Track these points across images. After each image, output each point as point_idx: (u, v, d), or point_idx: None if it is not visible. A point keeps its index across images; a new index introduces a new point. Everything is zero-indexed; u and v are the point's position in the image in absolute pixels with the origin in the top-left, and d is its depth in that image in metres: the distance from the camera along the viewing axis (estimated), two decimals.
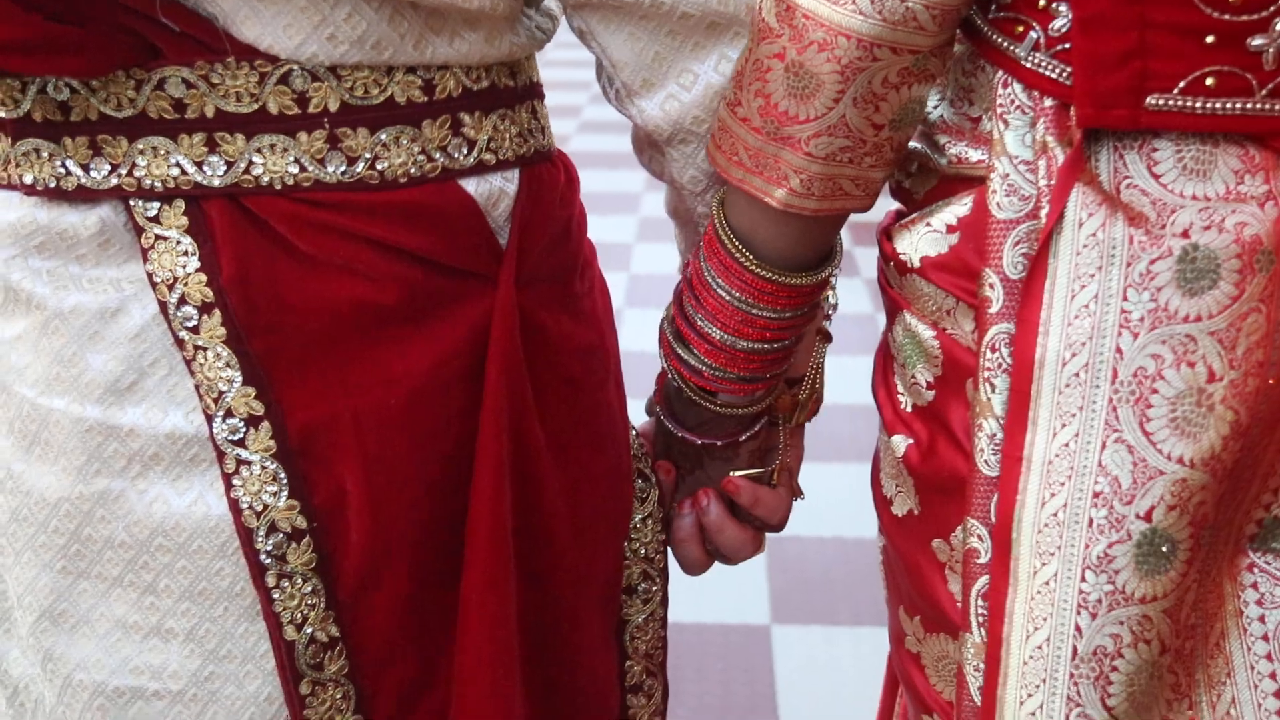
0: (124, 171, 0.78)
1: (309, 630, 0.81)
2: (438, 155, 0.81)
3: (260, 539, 0.80)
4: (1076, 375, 0.73)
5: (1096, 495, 0.73)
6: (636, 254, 4.33)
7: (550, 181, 0.88)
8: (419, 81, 0.81)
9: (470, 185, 0.83)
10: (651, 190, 4.80)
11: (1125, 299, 0.72)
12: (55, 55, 0.75)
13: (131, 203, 0.78)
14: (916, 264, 0.81)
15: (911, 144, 0.84)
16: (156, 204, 0.78)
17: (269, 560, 0.80)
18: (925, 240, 0.81)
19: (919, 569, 0.84)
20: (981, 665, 0.78)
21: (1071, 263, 0.73)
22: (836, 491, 2.64)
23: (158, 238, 0.78)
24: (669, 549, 0.99)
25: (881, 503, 0.88)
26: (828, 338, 0.96)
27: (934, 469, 0.82)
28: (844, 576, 2.57)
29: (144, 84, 0.77)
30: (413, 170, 0.81)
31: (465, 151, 0.83)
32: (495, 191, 0.84)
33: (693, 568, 1.00)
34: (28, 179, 0.79)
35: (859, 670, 2.30)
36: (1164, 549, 0.73)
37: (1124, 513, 0.72)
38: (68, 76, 0.77)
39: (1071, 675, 0.74)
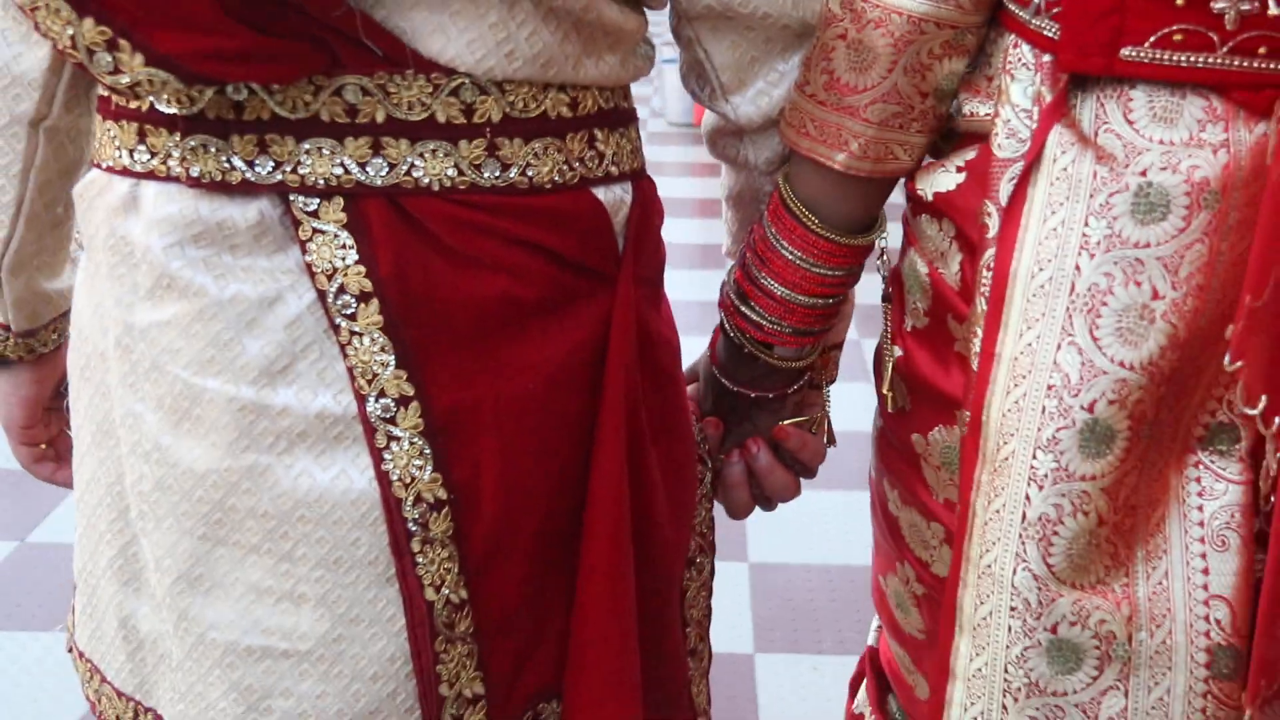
0: (288, 169, 0.84)
1: (445, 592, 0.89)
2: (577, 165, 0.90)
3: (407, 508, 0.87)
4: (1042, 287, 0.87)
5: (1050, 388, 0.87)
6: None
7: (652, 194, 0.98)
8: (566, 99, 0.89)
9: (600, 193, 0.92)
10: None
11: (1086, 225, 0.86)
12: (253, 64, 0.80)
13: (291, 198, 0.84)
14: (930, 198, 0.94)
15: None
16: (316, 200, 0.84)
17: (414, 528, 0.87)
18: (939, 178, 0.95)
19: (906, 451, 1.01)
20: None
21: (1046, 193, 0.87)
22: (821, 519, 2.66)
23: (315, 231, 0.84)
24: (715, 499, 1.11)
25: (881, 398, 1.04)
26: (887, 298, 1.07)
27: (918, 378, 0.98)
28: (828, 605, 2.58)
29: (322, 90, 0.83)
30: (556, 178, 0.89)
31: (597, 163, 0.92)
32: (617, 200, 0.93)
33: (739, 511, 1.12)
34: (194, 172, 0.84)
35: (842, 699, 2.33)
36: (1104, 437, 0.86)
37: (1071, 403, 0.86)
38: (259, 82, 0.82)
39: (1020, 536, 0.88)
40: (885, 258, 1.05)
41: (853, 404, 0.94)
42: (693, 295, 4.46)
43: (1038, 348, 0.88)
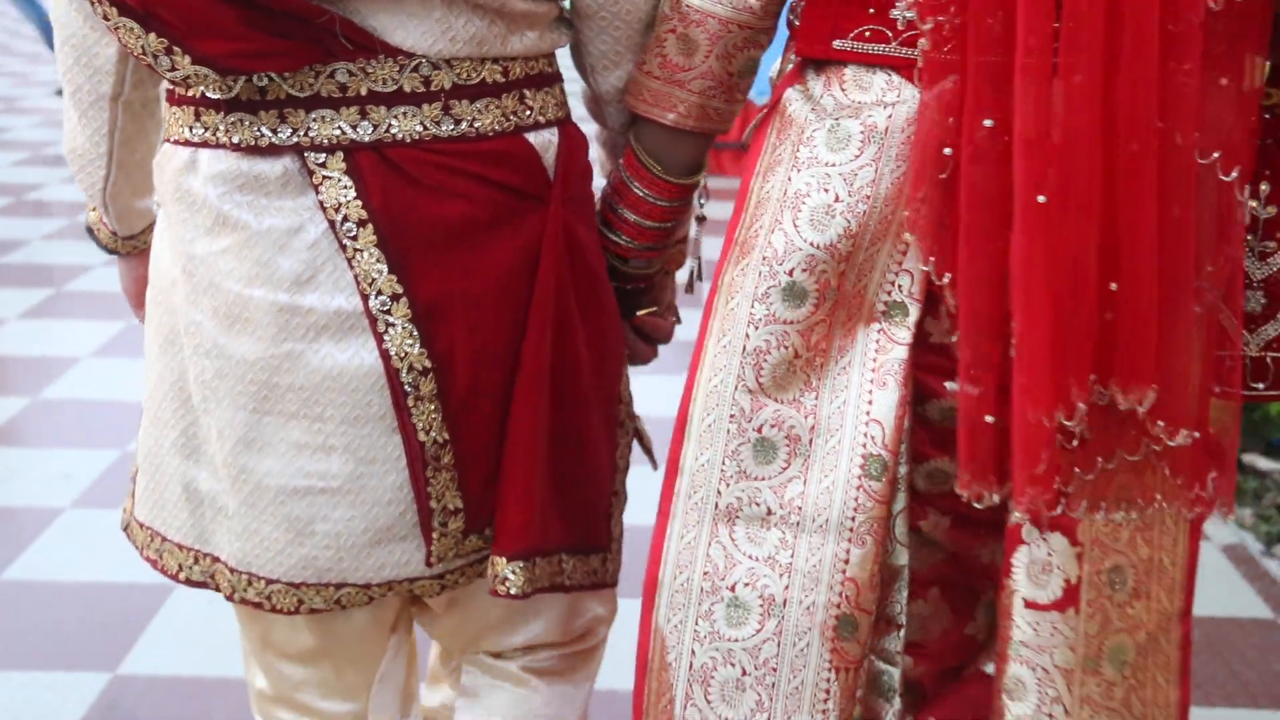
0: (301, 133, 1.19)
1: (432, 435, 1.23)
2: (512, 117, 1.25)
3: (403, 376, 1.22)
4: (766, 195, 1.28)
5: (764, 259, 1.26)
6: None
7: (577, 137, 1.33)
8: (499, 68, 1.24)
9: (531, 137, 1.26)
10: None
11: (795, 154, 1.26)
12: (269, 59, 1.16)
13: (306, 154, 1.19)
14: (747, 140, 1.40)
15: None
16: (323, 155, 1.19)
17: (409, 389, 1.22)
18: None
19: None
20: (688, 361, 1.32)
21: (774, 132, 1.30)
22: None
23: (324, 178, 1.19)
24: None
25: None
26: (701, 220, 1.44)
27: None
28: None
29: (320, 74, 1.18)
30: (496, 127, 1.24)
31: (527, 115, 1.26)
32: (545, 142, 1.28)
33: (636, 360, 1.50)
34: (235, 140, 1.20)
35: None
36: (799, 294, 1.24)
37: (778, 270, 1.24)
38: (275, 72, 1.17)
39: (740, 363, 1.26)
40: (704, 191, 1.41)
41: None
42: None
43: (759, 230, 1.27)
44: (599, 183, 1.39)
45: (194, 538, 1.32)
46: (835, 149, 1.23)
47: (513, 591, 1.28)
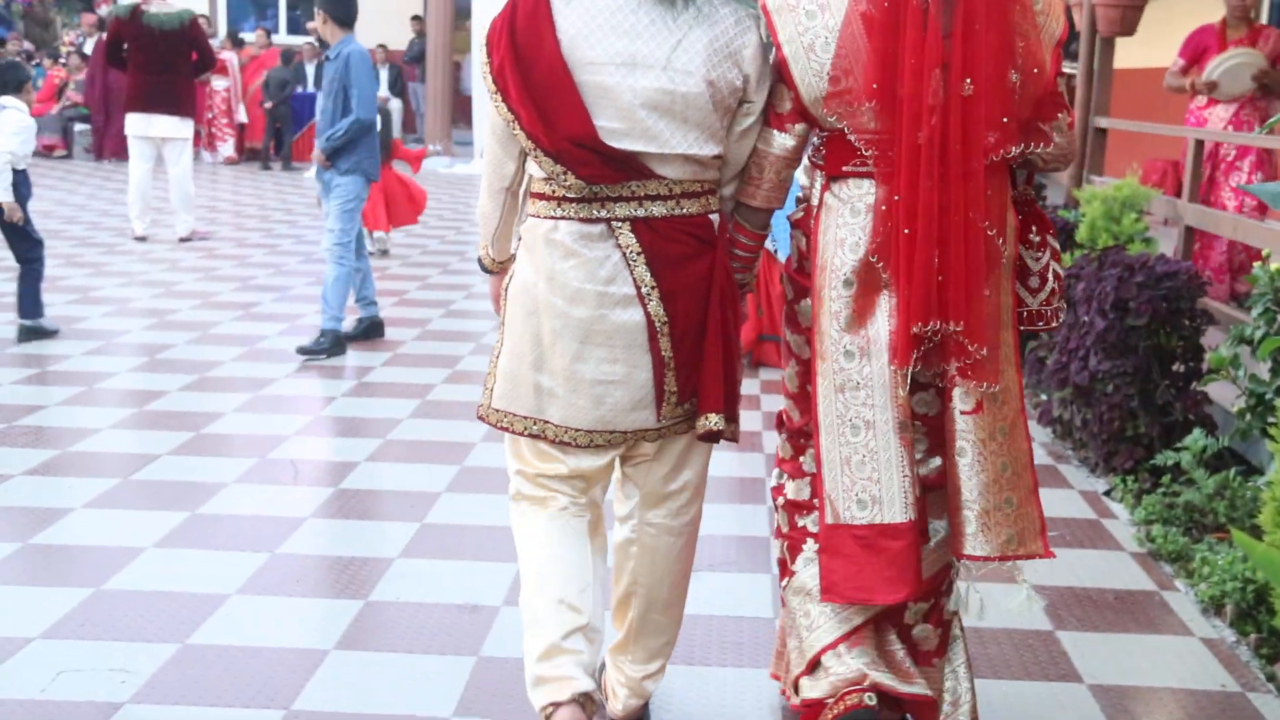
0: (609, 212, 2.63)
1: (665, 354, 2.66)
2: (702, 208, 2.69)
3: (656, 324, 2.65)
4: (826, 242, 2.69)
5: (833, 269, 2.68)
6: None
7: (724, 216, 2.78)
8: (698, 185, 2.68)
9: (711, 216, 2.71)
10: None
11: (837, 222, 2.67)
12: (606, 177, 2.59)
13: (611, 222, 2.62)
14: (795, 220, 2.91)
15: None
16: (619, 222, 2.62)
17: (658, 328, 2.65)
18: (796, 213, 2.89)
19: (791, 312, 2.90)
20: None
21: (824, 214, 2.70)
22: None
23: (619, 232, 2.62)
24: None
25: (782, 291, 2.98)
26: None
27: (795, 283, 2.86)
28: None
29: (624, 185, 2.61)
30: (696, 211, 2.67)
31: (707, 206, 2.70)
32: (714, 219, 2.71)
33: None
34: (579, 215, 2.63)
35: None
36: (849, 283, 2.66)
37: (839, 272, 2.66)
38: (604, 183, 2.60)
39: (830, 317, 2.70)
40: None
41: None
42: (732, 529, 4.40)
43: (826, 259, 2.67)
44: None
45: (535, 411, 2.72)
46: (854, 217, 2.65)
47: (712, 427, 2.68)
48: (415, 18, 18.83)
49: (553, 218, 2.60)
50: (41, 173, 15.12)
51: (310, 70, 16.40)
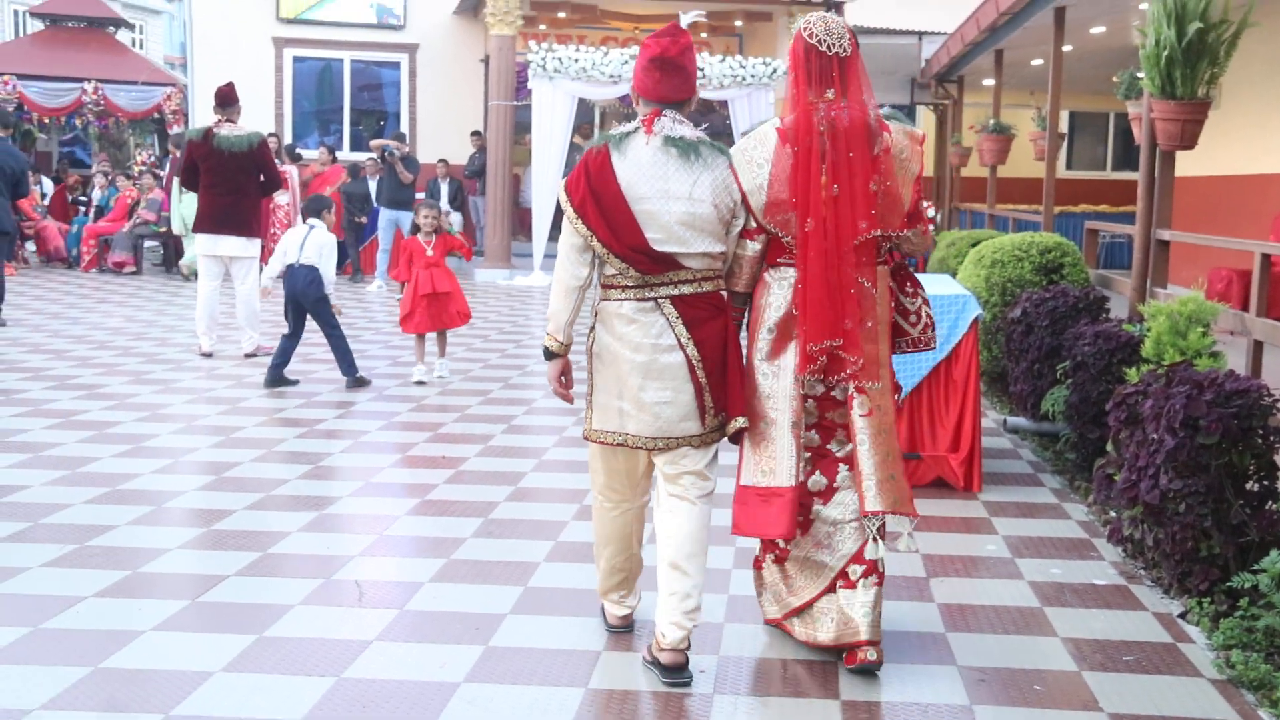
0: (655, 293, 4.06)
1: (701, 379, 4.09)
2: (717, 286, 4.17)
3: (693, 362, 4.06)
4: (764, 305, 4.26)
5: (764, 323, 4.28)
6: None
7: (729, 293, 4.29)
8: (714, 270, 4.15)
9: (723, 293, 4.19)
10: None
11: (769, 291, 4.25)
12: (654, 271, 4.05)
13: (658, 300, 4.06)
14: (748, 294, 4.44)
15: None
16: (663, 299, 4.06)
17: (695, 365, 4.06)
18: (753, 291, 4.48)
19: (750, 347, 4.40)
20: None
21: (764, 289, 4.28)
22: None
23: (663, 306, 4.06)
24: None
25: (750, 342, 4.37)
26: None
27: (751, 331, 4.38)
28: None
29: (664, 274, 4.05)
30: (712, 288, 4.14)
31: (720, 285, 4.19)
32: (725, 296, 4.21)
33: None
34: (636, 297, 4.07)
35: None
36: (771, 330, 4.26)
37: (765, 323, 4.26)
38: (651, 275, 4.05)
39: (761, 345, 4.30)
40: (746, 312, 4.42)
41: None
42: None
43: (762, 316, 4.25)
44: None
45: (618, 428, 4.12)
46: (779, 290, 4.19)
47: (740, 425, 4.14)
48: (475, 133, 19.21)
49: (619, 299, 4.08)
50: (112, 289, 15.47)
51: (373, 185, 16.77)
